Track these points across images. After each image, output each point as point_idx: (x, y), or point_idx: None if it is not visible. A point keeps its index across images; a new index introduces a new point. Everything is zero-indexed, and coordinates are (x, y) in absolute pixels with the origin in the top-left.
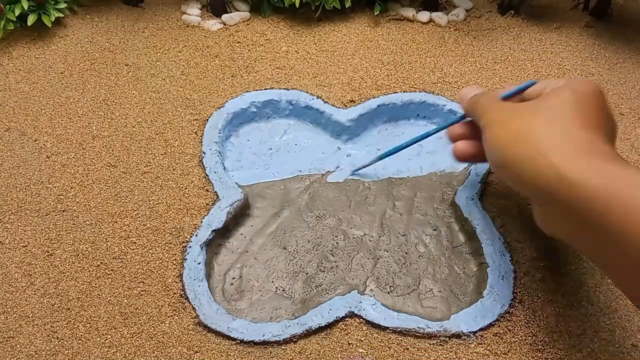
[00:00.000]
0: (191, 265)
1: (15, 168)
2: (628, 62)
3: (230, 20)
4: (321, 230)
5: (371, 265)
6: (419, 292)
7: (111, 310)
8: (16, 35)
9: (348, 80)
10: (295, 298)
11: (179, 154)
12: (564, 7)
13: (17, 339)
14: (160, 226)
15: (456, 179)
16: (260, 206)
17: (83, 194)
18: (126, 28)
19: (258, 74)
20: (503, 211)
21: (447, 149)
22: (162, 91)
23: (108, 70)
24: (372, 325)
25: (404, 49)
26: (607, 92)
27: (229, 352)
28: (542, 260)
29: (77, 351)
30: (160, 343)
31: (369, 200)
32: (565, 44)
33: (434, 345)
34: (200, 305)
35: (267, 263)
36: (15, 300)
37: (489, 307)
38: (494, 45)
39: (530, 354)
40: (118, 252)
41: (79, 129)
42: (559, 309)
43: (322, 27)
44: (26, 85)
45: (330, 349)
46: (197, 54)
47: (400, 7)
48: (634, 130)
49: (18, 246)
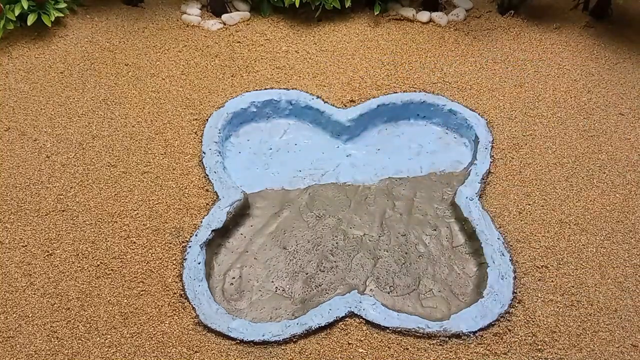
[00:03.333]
0: (191, 265)
1: (15, 168)
2: (628, 62)
3: (230, 20)
4: (321, 230)
5: (371, 265)
6: (418, 292)
7: (111, 310)
8: (16, 35)
9: (348, 80)
10: (295, 298)
11: (179, 154)
12: (564, 7)
13: (17, 339)
14: (160, 226)
15: (456, 179)
16: (260, 206)
17: (83, 194)
18: (126, 28)
19: (258, 74)
20: (503, 211)
21: (447, 149)
22: (162, 91)
23: (108, 70)
24: (372, 325)
25: (404, 49)
26: (607, 92)
27: (229, 352)
28: (542, 260)
29: (77, 351)
30: (160, 343)
31: (369, 200)
32: (565, 44)
33: (434, 345)
34: (200, 305)
35: (267, 263)
36: (15, 300)
37: (489, 307)
38: (494, 45)
39: (530, 354)
40: (118, 252)
41: (79, 129)
42: (559, 309)
43: (322, 27)
44: (26, 85)
45: (330, 348)
46: (197, 54)
47: (400, 7)
48: (634, 130)
49: (18, 246)
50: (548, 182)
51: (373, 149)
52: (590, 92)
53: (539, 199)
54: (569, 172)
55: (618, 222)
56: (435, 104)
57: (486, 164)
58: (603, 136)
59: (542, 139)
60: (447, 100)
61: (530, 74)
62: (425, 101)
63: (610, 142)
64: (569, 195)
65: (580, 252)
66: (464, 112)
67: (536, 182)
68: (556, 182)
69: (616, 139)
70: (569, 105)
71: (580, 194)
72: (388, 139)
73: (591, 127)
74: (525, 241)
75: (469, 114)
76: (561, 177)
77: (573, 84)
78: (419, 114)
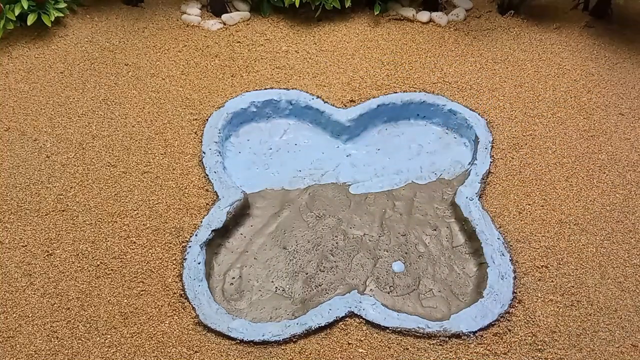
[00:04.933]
0: (191, 265)
1: (15, 168)
2: (628, 62)
3: (230, 20)
4: (321, 230)
5: (371, 265)
6: (419, 292)
7: (111, 310)
8: (16, 35)
9: (348, 80)
10: (295, 298)
11: (178, 154)
12: (564, 7)
13: (17, 339)
14: (160, 226)
15: (456, 179)
16: (260, 206)
17: (83, 194)
18: (126, 28)
19: (258, 74)
20: (503, 211)
21: (447, 149)
22: (162, 91)
23: (108, 70)
24: (372, 325)
25: (404, 49)
26: (607, 92)
27: (229, 352)
28: (542, 260)
29: (77, 351)
30: (160, 343)
31: (368, 200)
32: (565, 44)
33: (434, 345)
34: (200, 305)
35: (267, 263)
36: (15, 300)
37: (488, 307)
38: (494, 45)
39: (530, 354)
40: (118, 252)
41: (79, 129)
42: (559, 309)
43: (322, 27)
44: (26, 85)
45: (330, 348)
46: (197, 54)
47: (400, 7)
48: (634, 130)
49: (18, 246)
50: (548, 182)
51: (373, 149)
52: (590, 92)
53: (539, 199)
54: (569, 172)
55: (618, 222)
56: (435, 104)
57: (486, 164)
58: (603, 136)
59: (542, 139)
60: (447, 100)
61: (530, 74)
62: (425, 101)
63: (610, 142)
64: (569, 195)
65: (580, 252)
66: (464, 112)
67: (536, 182)
68: (556, 182)
69: (616, 139)
70: (569, 105)
71: (580, 194)
72: (388, 139)
73: (591, 127)
74: (525, 241)
75: (469, 114)
76: (561, 177)
77: (573, 84)
78: (419, 114)
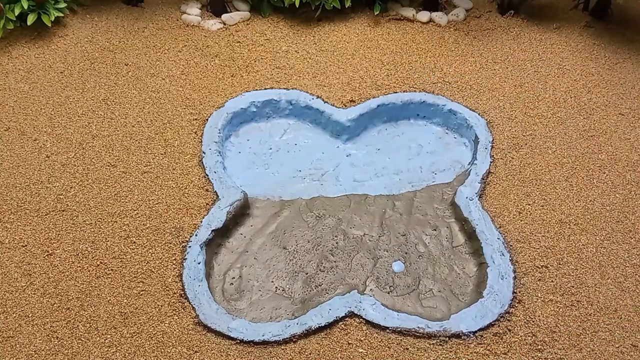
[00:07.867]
0: (191, 265)
1: (15, 168)
2: (628, 62)
3: (230, 20)
4: (321, 230)
5: (371, 265)
6: (418, 292)
7: (111, 310)
8: (16, 35)
9: (348, 80)
10: (295, 298)
11: (178, 154)
12: (564, 7)
13: (17, 339)
14: (160, 226)
15: (456, 179)
16: (260, 206)
17: (83, 194)
18: (126, 28)
19: (258, 74)
20: (503, 211)
21: (447, 149)
22: (162, 91)
23: (108, 70)
24: (372, 325)
25: (404, 49)
26: (607, 92)
27: (229, 352)
28: (542, 260)
29: (77, 351)
30: (160, 343)
31: (368, 200)
32: (565, 44)
33: (434, 345)
34: (200, 305)
35: (267, 263)
36: (15, 300)
37: (488, 307)
38: (494, 45)
39: (530, 354)
40: (118, 252)
41: (79, 129)
42: (559, 309)
43: (322, 27)
44: (26, 84)
45: (330, 348)
46: (197, 54)
47: (400, 7)
48: (634, 130)
49: (18, 246)
50: (548, 182)
51: (373, 149)
52: (590, 92)
53: (539, 199)
54: (569, 172)
55: (618, 222)
56: (435, 104)
57: (486, 164)
58: (603, 136)
59: (542, 139)
60: (447, 100)
61: (530, 74)
62: (425, 101)
63: (610, 142)
64: (569, 195)
65: (580, 252)
66: (464, 112)
67: (536, 182)
68: (556, 182)
69: (616, 139)
70: (569, 105)
71: (580, 194)
72: (388, 139)
73: (591, 127)
74: (525, 241)
75: (469, 114)
76: (561, 177)
77: (573, 84)
78: (419, 114)
